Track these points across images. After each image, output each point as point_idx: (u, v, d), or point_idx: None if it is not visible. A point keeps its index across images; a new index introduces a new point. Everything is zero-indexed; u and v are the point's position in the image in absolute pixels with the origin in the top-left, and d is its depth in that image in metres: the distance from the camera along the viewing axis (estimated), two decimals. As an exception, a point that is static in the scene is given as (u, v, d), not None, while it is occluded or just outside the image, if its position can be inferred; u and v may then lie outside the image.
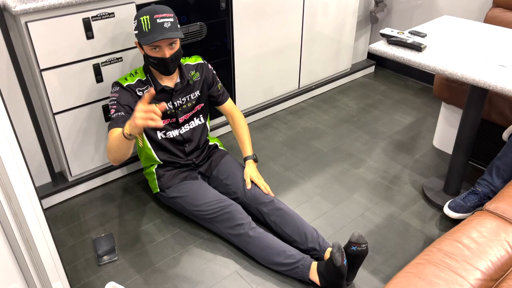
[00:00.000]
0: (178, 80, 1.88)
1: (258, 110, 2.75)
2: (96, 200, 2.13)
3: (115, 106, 1.76)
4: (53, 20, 1.75)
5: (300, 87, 2.93)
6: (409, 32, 1.87)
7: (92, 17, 1.84)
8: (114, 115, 1.75)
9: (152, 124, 1.40)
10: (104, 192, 2.18)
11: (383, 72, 3.39)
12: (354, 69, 3.25)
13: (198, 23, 2.22)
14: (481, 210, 1.47)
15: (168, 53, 1.72)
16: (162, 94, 1.85)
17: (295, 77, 2.86)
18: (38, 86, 1.87)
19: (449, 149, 2.43)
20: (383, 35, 1.83)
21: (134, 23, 1.73)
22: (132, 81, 1.82)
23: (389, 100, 2.99)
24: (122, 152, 1.60)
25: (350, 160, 2.40)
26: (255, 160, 2.00)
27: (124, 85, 1.80)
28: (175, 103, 1.89)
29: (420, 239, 1.90)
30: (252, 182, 1.91)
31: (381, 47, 1.80)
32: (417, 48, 1.74)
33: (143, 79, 1.83)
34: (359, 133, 2.64)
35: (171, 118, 1.90)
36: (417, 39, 1.80)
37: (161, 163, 1.94)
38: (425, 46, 1.75)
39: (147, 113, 1.39)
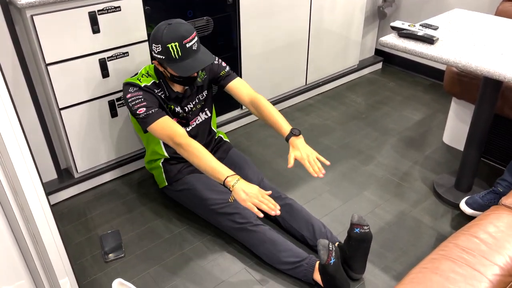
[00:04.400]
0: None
1: (265, 106, 2.72)
2: (102, 196, 2.11)
3: (144, 103, 1.69)
4: (59, 13, 1.73)
5: (307, 83, 2.90)
6: (420, 25, 1.84)
7: (98, 10, 1.82)
8: (149, 111, 1.68)
9: (265, 208, 1.47)
10: (110, 189, 2.16)
11: (391, 69, 3.35)
12: (362, 65, 3.22)
13: (204, 17, 2.19)
14: (497, 205, 1.43)
15: (196, 73, 1.72)
16: (172, 101, 1.82)
17: (302, 74, 2.83)
18: (44, 81, 1.85)
19: (459, 145, 2.39)
20: (393, 28, 1.80)
21: (157, 47, 1.63)
22: (147, 83, 1.75)
23: (398, 97, 2.96)
24: (201, 168, 1.60)
25: (359, 157, 2.36)
26: (297, 134, 1.72)
27: (142, 86, 1.74)
28: (186, 107, 1.86)
29: (431, 236, 1.86)
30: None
31: (392, 40, 1.76)
32: (429, 40, 1.70)
33: (157, 82, 1.78)
34: (368, 129, 2.60)
35: (182, 120, 1.87)
36: (428, 32, 1.76)
37: (168, 157, 1.91)
38: (437, 39, 1.72)
39: (262, 200, 1.48)
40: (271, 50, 2.56)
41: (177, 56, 1.62)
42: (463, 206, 1.90)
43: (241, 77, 2.50)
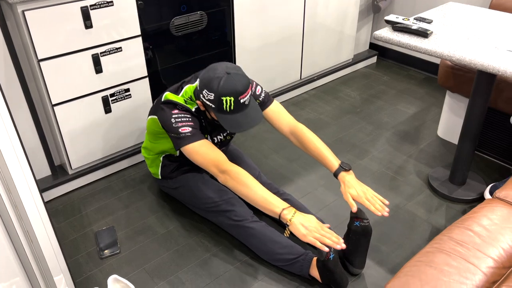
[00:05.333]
0: None
1: (259, 101, 2.72)
2: (97, 193, 2.10)
3: (191, 123, 1.63)
4: (50, 8, 1.71)
5: (302, 78, 2.89)
6: (414, 19, 1.84)
7: (90, 5, 1.80)
8: (194, 131, 1.62)
9: (329, 243, 1.40)
10: (105, 185, 2.15)
11: (385, 63, 3.35)
12: (356, 59, 3.21)
13: (198, 12, 2.17)
14: (491, 198, 1.44)
15: None
16: (204, 130, 1.76)
17: (296, 68, 2.82)
18: (37, 77, 1.84)
19: (453, 138, 2.39)
20: (388, 21, 1.80)
21: (210, 95, 1.54)
22: (192, 108, 1.68)
23: (392, 91, 2.96)
24: (250, 198, 1.52)
25: (354, 151, 2.37)
26: (347, 169, 1.61)
27: (192, 110, 1.67)
28: (215, 138, 1.82)
29: (426, 229, 1.87)
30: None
31: (386, 34, 1.76)
32: (423, 34, 1.70)
33: (198, 110, 1.70)
34: (362, 123, 2.60)
35: None
36: (423, 25, 1.76)
37: (177, 155, 1.86)
38: (432, 32, 1.72)
39: (324, 234, 1.41)
40: (266, 45, 2.56)
41: (228, 109, 1.55)
42: (487, 196, 1.92)
43: (235, 72, 2.49)
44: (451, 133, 2.40)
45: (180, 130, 1.61)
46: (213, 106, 1.56)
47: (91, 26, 1.83)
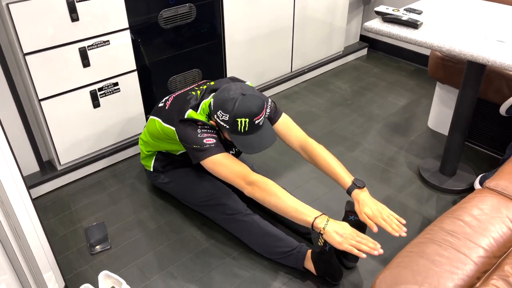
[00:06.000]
0: None
1: (250, 94, 2.70)
2: (86, 188, 2.08)
3: (216, 136, 1.60)
4: (35, 1, 1.68)
5: (292, 70, 2.88)
6: (404, 9, 1.83)
7: (76, -2, 1.77)
8: (218, 144, 1.59)
9: (365, 249, 1.36)
10: (94, 181, 2.13)
11: (375, 55, 3.35)
12: (347, 51, 3.21)
13: (187, 4, 2.15)
14: (481, 188, 1.45)
15: None
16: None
17: (287, 61, 2.80)
18: (22, 71, 1.80)
19: (444, 130, 2.40)
20: (377, 12, 1.79)
21: (225, 116, 1.52)
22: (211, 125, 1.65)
23: (382, 83, 2.96)
24: (280, 209, 1.48)
25: (345, 143, 2.37)
26: (361, 186, 1.55)
27: (215, 127, 1.63)
28: (230, 151, 1.77)
29: (417, 220, 1.88)
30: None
31: (376, 25, 1.75)
32: (413, 25, 1.69)
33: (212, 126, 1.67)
34: (353, 116, 2.60)
35: None
36: (413, 16, 1.76)
37: (177, 154, 1.84)
38: (422, 23, 1.71)
39: (360, 240, 1.38)
40: (256, 37, 2.54)
41: (242, 130, 1.53)
42: (477, 186, 1.94)
43: (225, 65, 2.47)
44: (442, 125, 2.41)
45: (205, 141, 1.57)
46: (227, 126, 1.54)
47: (77, 19, 1.80)
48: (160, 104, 1.81)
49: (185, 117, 1.61)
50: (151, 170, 1.91)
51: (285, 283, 1.62)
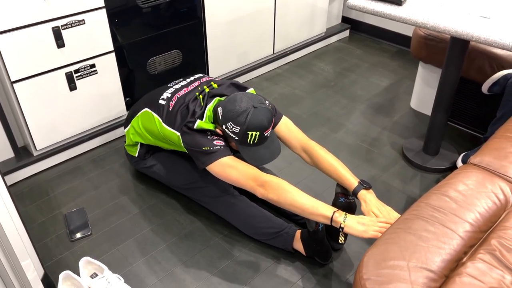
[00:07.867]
0: None
1: (232, 76, 2.65)
2: (65, 174, 2.01)
3: (224, 140, 1.57)
4: (4, -23, 1.59)
5: (274, 52, 2.84)
6: (388, -13, 1.80)
7: (48, -26, 1.68)
8: (227, 147, 1.56)
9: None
10: (73, 166, 2.06)
11: (358, 36, 3.33)
12: (329, 33, 3.18)
13: (165, -18, 2.08)
14: (466, 164, 1.45)
15: None
16: None
17: (269, 42, 2.76)
18: (-7, 52, 1.72)
19: (426, 110, 2.41)
20: (361, -11, 1.75)
21: (235, 128, 1.49)
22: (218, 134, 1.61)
23: (365, 64, 2.95)
24: (295, 207, 1.43)
25: (329, 124, 2.35)
26: (368, 187, 1.54)
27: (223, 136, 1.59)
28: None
29: (402, 199, 1.88)
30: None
31: (360, 2, 1.72)
32: (397, 2, 1.67)
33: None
34: (337, 97, 2.58)
35: None
36: (396, -7, 1.73)
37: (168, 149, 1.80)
38: (406, 0, 1.69)
39: (382, 225, 1.36)
40: (237, 18, 2.48)
41: (251, 142, 1.51)
42: (459, 165, 1.95)
43: (206, 46, 2.41)
44: (424, 104, 2.41)
45: (215, 142, 1.54)
46: (236, 138, 1.52)
47: (50, -3, 1.72)
48: (161, 101, 1.71)
49: (195, 127, 1.56)
50: (136, 155, 1.86)
51: (273, 263, 1.60)
